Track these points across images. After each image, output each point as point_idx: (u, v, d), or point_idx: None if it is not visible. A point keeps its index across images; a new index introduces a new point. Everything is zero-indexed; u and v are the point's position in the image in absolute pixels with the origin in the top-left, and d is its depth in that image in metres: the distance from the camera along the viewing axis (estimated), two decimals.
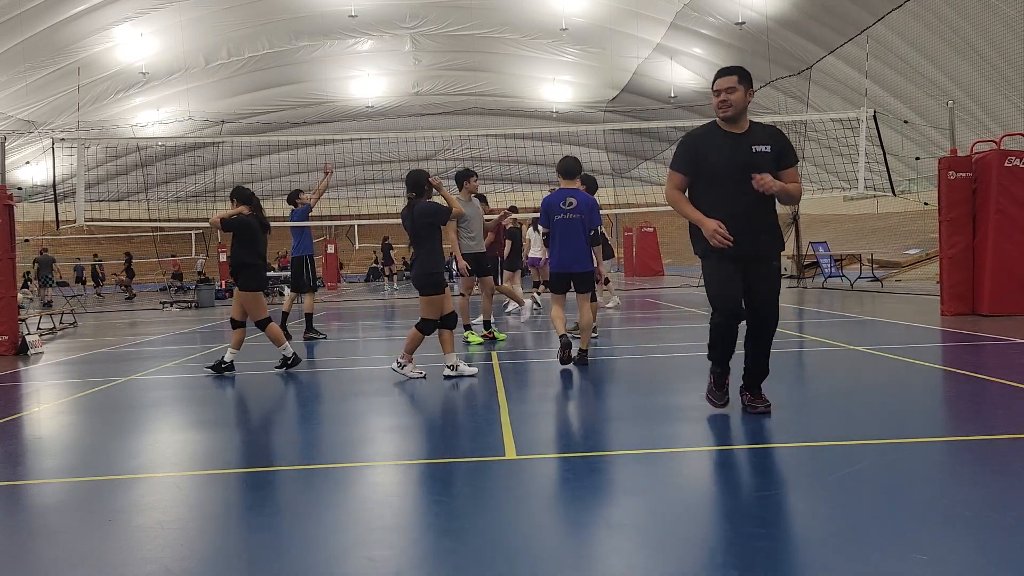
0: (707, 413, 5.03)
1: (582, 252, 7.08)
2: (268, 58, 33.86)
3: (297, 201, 11.43)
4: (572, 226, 7.04)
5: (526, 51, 35.29)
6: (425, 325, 6.70)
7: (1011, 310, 10.51)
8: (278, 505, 3.48)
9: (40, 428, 5.51)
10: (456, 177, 9.74)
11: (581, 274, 7.14)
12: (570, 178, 7.25)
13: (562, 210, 7.03)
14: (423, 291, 6.72)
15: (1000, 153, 10.90)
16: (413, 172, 6.85)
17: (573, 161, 7.27)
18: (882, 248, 27.53)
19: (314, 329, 10.71)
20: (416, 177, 6.81)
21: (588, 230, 7.08)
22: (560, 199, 7.07)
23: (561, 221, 7.03)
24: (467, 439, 4.61)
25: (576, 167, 7.29)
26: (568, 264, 7.08)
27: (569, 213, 7.02)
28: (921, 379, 6.11)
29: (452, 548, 2.87)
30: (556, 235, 7.08)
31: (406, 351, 6.71)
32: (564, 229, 7.03)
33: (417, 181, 6.80)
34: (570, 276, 7.13)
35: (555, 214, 7.06)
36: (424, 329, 6.69)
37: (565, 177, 7.27)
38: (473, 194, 9.63)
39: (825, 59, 24.90)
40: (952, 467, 3.73)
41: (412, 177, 6.83)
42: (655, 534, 2.93)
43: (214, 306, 20.78)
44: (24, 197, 33.25)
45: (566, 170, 7.30)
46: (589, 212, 7.09)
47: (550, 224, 7.12)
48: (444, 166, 47.80)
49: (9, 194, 10.56)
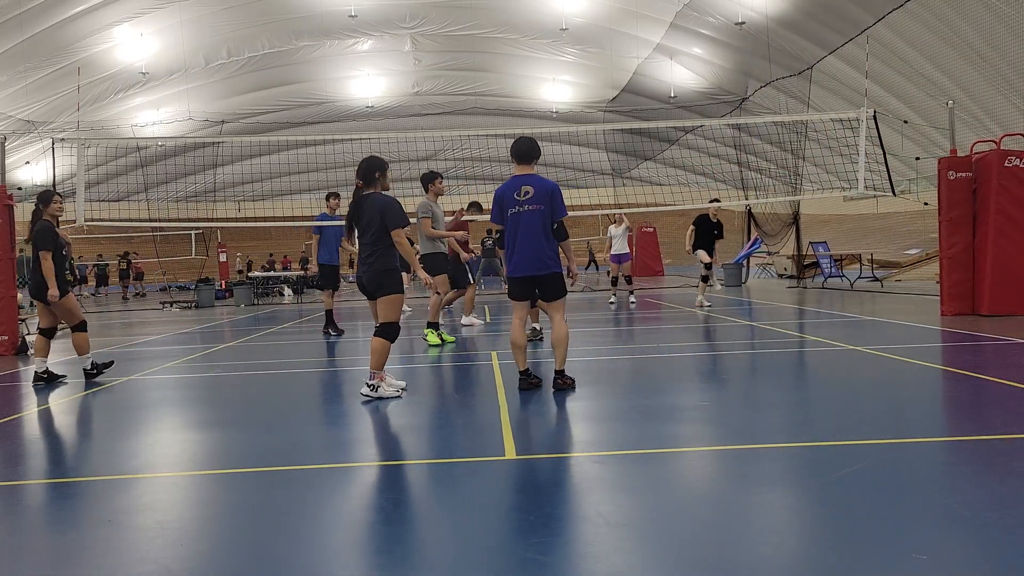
0: (707, 413, 5.03)
1: (545, 251, 5.83)
2: (268, 58, 33.86)
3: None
4: (531, 220, 5.79)
5: (526, 51, 35.28)
6: (388, 330, 5.85)
7: (1011, 310, 10.51)
8: (278, 505, 3.48)
9: (40, 428, 5.50)
10: (422, 179, 9.45)
11: (547, 277, 5.89)
12: (525, 162, 5.95)
13: (517, 201, 5.82)
14: (381, 291, 5.89)
15: (1000, 153, 10.90)
16: (367, 160, 6.07)
17: (528, 142, 5.96)
18: (882, 248, 27.55)
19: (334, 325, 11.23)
20: (368, 165, 6.03)
21: (551, 224, 5.86)
22: (514, 189, 5.86)
23: (517, 215, 5.83)
24: (467, 439, 4.61)
25: (533, 149, 5.96)
26: (529, 266, 5.86)
27: (526, 204, 5.80)
28: (921, 379, 6.11)
29: (451, 548, 2.86)
30: (513, 232, 5.88)
31: (374, 368, 5.80)
32: (522, 224, 5.81)
33: (368, 170, 6.02)
34: (533, 281, 5.93)
35: (509, 207, 5.87)
36: (388, 335, 5.84)
37: (520, 161, 5.96)
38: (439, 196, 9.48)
39: (825, 59, 24.90)
40: (952, 467, 3.73)
41: (364, 165, 6.05)
42: (655, 534, 2.93)
43: (214, 306, 20.78)
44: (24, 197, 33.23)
45: (520, 153, 5.95)
46: (550, 201, 5.83)
47: (504, 220, 5.94)
48: (444, 166, 47.84)
49: (9, 194, 10.56)
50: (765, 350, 8.13)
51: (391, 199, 6.01)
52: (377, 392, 5.79)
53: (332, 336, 10.90)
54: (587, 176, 38.43)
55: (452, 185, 46.85)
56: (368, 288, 6.02)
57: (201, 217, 40.60)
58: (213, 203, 42.02)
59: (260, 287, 23.03)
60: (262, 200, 44.13)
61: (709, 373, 6.82)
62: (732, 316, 11.84)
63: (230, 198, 43.56)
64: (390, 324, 5.86)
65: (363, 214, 5.97)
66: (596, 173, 36.31)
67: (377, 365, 5.80)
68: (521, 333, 5.98)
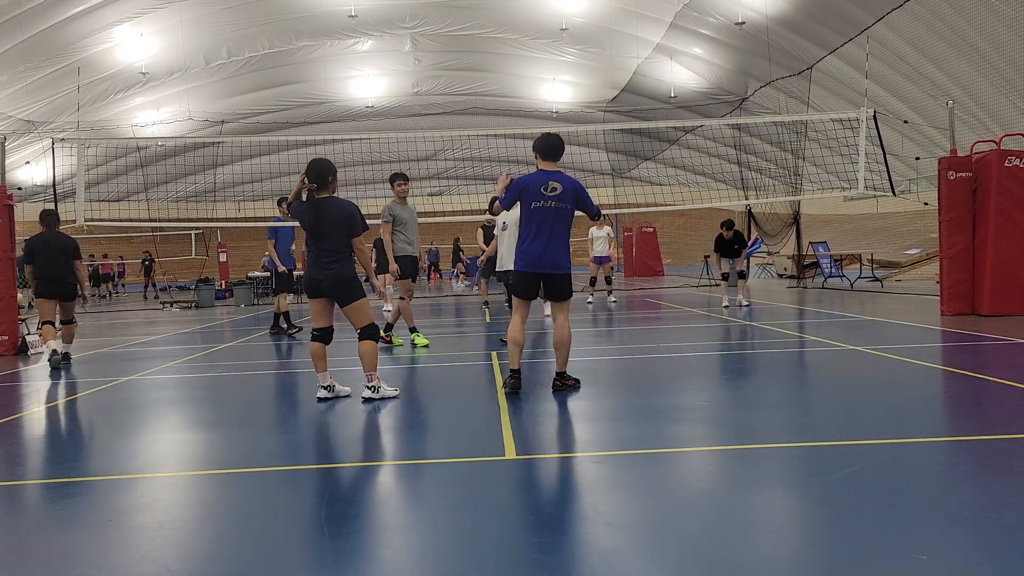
0: (707, 413, 5.03)
1: (564, 252, 5.78)
2: (268, 58, 33.84)
3: None
4: (556, 217, 5.67)
5: (526, 51, 35.26)
6: (371, 331, 5.89)
7: (1011, 310, 10.51)
8: (278, 505, 3.48)
9: (40, 428, 5.50)
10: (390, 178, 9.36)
11: (558, 278, 5.75)
12: (552, 158, 5.82)
13: (542, 196, 5.66)
14: (348, 297, 5.82)
15: (1000, 153, 10.90)
16: (317, 162, 5.83)
17: (557, 139, 5.86)
18: (882, 248, 27.56)
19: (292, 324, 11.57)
20: (321, 168, 5.79)
21: (570, 223, 5.80)
22: (540, 183, 5.70)
23: (540, 210, 5.66)
24: (467, 439, 4.61)
25: (560, 147, 5.86)
26: (542, 263, 5.69)
27: (552, 200, 5.65)
28: (921, 379, 6.11)
29: (451, 548, 2.86)
30: (529, 225, 5.71)
31: (368, 371, 5.84)
32: (548, 220, 5.67)
33: (322, 173, 5.79)
34: (541, 279, 5.76)
35: (532, 200, 5.69)
36: (372, 335, 5.89)
37: (545, 157, 5.83)
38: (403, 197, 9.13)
39: (825, 59, 24.88)
40: (952, 467, 3.73)
41: (317, 168, 5.80)
42: (654, 534, 2.93)
43: (214, 306, 20.77)
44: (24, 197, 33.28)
45: (547, 148, 5.81)
46: (575, 200, 5.75)
47: (523, 211, 5.74)
48: (444, 166, 47.89)
49: (9, 194, 10.56)
50: (765, 350, 8.13)
51: (352, 206, 5.87)
52: (379, 393, 5.80)
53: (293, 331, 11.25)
54: (587, 176, 38.40)
55: (452, 185, 46.93)
56: (328, 294, 5.86)
57: (201, 217, 40.58)
58: (213, 203, 41.98)
59: (260, 287, 23.03)
60: (262, 200, 44.11)
61: (709, 373, 6.82)
62: (732, 316, 11.84)
63: (230, 198, 43.54)
64: (369, 326, 5.90)
65: (323, 218, 5.78)
66: (596, 173, 36.26)
67: (371, 367, 5.84)
68: (521, 332, 5.81)
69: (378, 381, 5.84)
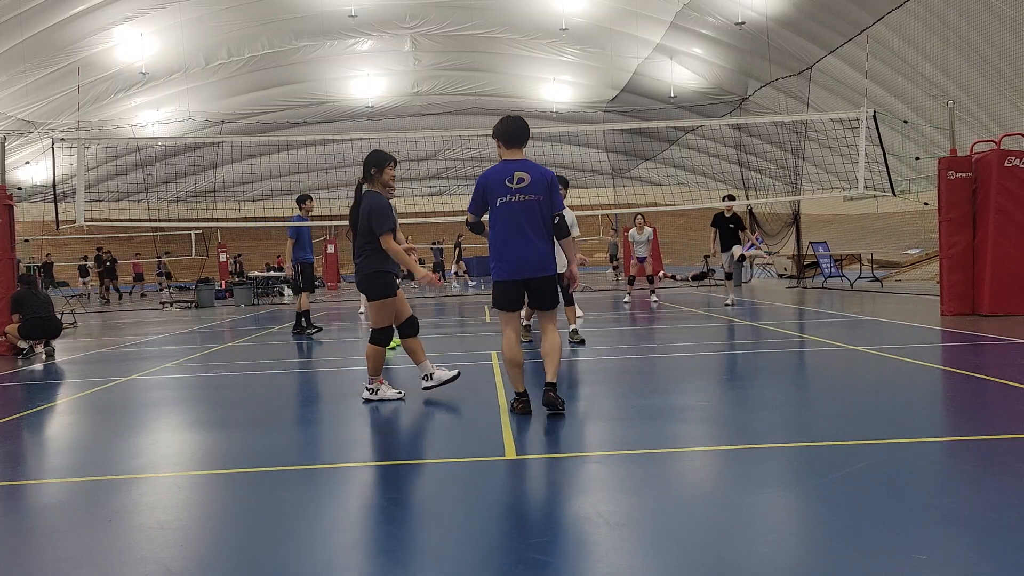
0: (707, 413, 5.03)
1: (544, 250, 5.00)
2: (268, 58, 33.84)
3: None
4: (526, 212, 4.93)
5: (526, 51, 35.26)
6: (378, 336, 5.66)
7: (1011, 310, 10.51)
8: (278, 505, 3.48)
9: (40, 428, 5.50)
10: None
11: (542, 281, 5.02)
12: (516, 145, 5.07)
13: (508, 189, 4.93)
14: (371, 295, 5.62)
15: (1000, 153, 10.90)
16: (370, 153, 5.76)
17: (519, 121, 5.10)
18: (882, 248, 27.56)
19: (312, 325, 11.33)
20: (366, 159, 5.66)
21: (549, 218, 5.03)
22: (504, 175, 4.96)
23: (508, 205, 4.94)
24: (467, 439, 4.61)
25: (524, 130, 5.09)
26: (524, 268, 4.97)
27: (520, 194, 4.92)
28: (921, 379, 6.11)
29: (452, 548, 2.86)
30: (504, 226, 4.97)
31: (371, 374, 5.71)
32: (514, 217, 4.93)
33: (365, 164, 5.65)
34: (525, 285, 5.05)
35: (498, 196, 4.96)
36: (379, 340, 5.67)
37: (509, 145, 5.07)
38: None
39: (825, 59, 24.87)
40: (952, 467, 3.73)
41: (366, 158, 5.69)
42: (655, 534, 2.93)
43: (214, 306, 20.78)
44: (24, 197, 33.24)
45: (510, 133, 5.05)
46: (548, 192, 4.99)
47: (491, 211, 5.06)
48: (444, 166, 47.88)
49: (9, 194, 10.56)
50: (765, 350, 8.13)
51: (379, 201, 5.62)
52: (378, 395, 5.75)
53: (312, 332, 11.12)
54: (587, 176, 38.42)
55: (452, 185, 46.91)
56: (360, 289, 5.87)
57: (201, 217, 40.56)
58: (213, 203, 41.97)
59: (260, 287, 23.04)
60: (262, 200, 44.10)
61: (709, 373, 6.82)
62: (733, 316, 11.84)
63: (230, 198, 43.53)
64: (378, 331, 5.71)
65: (354, 212, 5.73)
66: (596, 173, 36.27)
67: (373, 371, 5.74)
68: (517, 349, 5.09)
69: (379, 384, 5.79)
